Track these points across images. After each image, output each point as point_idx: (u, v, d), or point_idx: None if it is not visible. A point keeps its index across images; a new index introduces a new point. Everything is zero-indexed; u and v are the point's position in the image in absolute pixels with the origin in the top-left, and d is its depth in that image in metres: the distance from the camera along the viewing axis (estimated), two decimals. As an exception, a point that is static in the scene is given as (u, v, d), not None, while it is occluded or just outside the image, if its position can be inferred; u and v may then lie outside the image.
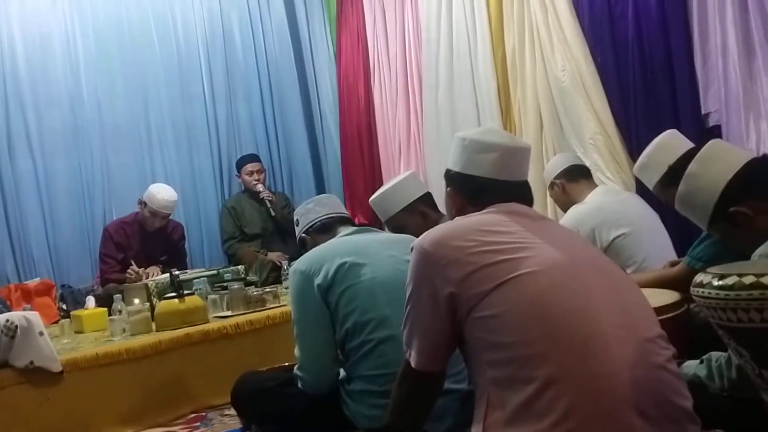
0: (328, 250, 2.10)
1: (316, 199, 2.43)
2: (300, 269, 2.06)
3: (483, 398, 1.39)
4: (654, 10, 3.52)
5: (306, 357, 2.08)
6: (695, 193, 1.77)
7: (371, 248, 2.08)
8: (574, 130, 3.90)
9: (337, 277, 2.00)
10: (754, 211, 1.66)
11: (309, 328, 2.07)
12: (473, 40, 4.43)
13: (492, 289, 1.37)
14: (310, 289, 2.02)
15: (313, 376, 2.08)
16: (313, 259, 2.07)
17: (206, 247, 5.22)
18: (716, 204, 1.71)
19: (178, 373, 3.02)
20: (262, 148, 5.48)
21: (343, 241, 2.15)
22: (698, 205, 1.77)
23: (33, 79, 4.74)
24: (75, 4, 4.90)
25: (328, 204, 2.37)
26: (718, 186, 1.71)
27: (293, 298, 2.09)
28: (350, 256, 2.03)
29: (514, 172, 1.65)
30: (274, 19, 5.63)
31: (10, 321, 2.61)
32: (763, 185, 1.70)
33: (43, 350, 2.65)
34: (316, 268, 2.03)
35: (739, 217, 1.67)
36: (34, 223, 4.64)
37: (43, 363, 2.65)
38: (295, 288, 2.07)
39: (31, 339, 2.63)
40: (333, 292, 2.00)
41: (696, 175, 1.78)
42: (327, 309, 2.02)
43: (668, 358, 1.39)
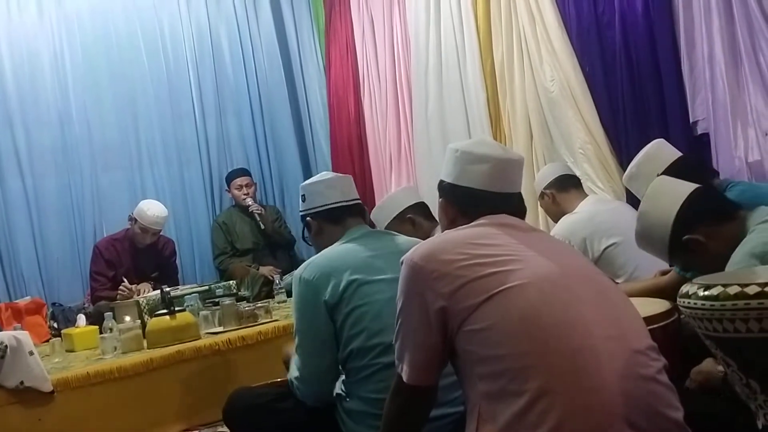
0: (336, 260, 2.03)
1: (327, 180, 2.25)
2: (306, 278, 2.00)
3: (474, 412, 1.38)
4: (640, 19, 3.54)
5: (305, 368, 2.05)
6: (649, 229, 1.89)
7: (381, 263, 2.02)
8: (563, 139, 3.92)
9: (345, 295, 1.97)
10: (706, 237, 1.78)
11: (310, 339, 2.03)
12: (462, 52, 4.45)
13: (482, 302, 1.37)
14: (316, 301, 1.98)
15: (310, 387, 2.05)
16: (321, 270, 2.00)
17: (198, 262, 5.20)
18: (670, 236, 1.82)
19: (170, 390, 3.00)
20: (253, 163, 5.48)
21: (353, 251, 2.06)
22: (655, 240, 1.88)
23: (21, 97, 4.73)
24: (63, 21, 4.90)
25: (340, 188, 2.22)
26: (669, 219, 1.83)
27: (297, 307, 2.04)
28: (360, 273, 1.98)
29: (506, 184, 1.64)
30: (263, 33, 5.64)
31: (0, 342, 2.59)
32: (710, 212, 1.83)
33: (33, 370, 2.63)
34: (323, 281, 1.98)
35: (694, 245, 1.79)
36: (24, 241, 4.62)
37: (33, 383, 2.63)
38: (300, 297, 2.03)
39: (20, 359, 2.61)
40: (340, 311, 1.97)
41: (647, 212, 1.91)
42: (332, 323, 1.99)
43: (659, 369, 1.39)
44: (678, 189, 1.90)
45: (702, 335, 1.35)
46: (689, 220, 1.81)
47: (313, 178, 2.32)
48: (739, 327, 1.26)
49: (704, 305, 1.30)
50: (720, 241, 1.77)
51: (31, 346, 2.68)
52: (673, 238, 1.83)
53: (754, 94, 3.19)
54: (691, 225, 1.81)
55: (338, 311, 1.98)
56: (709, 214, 1.83)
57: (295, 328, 2.07)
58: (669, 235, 1.83)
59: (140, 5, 5.19)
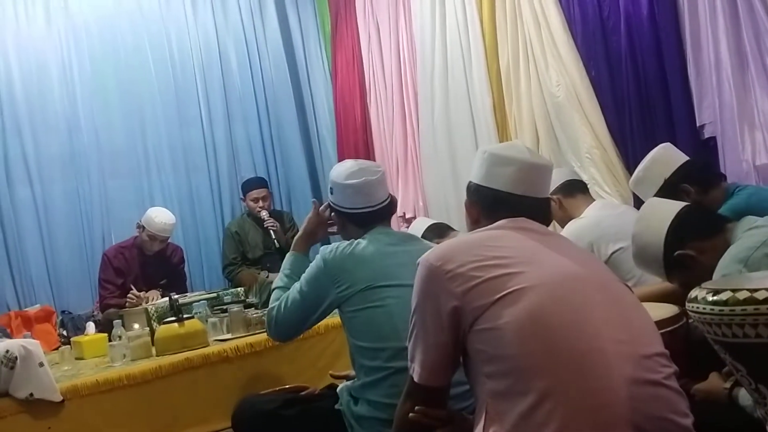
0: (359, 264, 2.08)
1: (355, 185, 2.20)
2: (327, 260, 2.10)
3: (482, 411, 1.39)
4: (646, 23, 3.55)
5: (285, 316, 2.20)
6: (643, 249, 1.98)
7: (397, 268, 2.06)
8: (570, 144, 3.92)
9: (355, 298, 2.04)
10: (698, 251, 1.87)
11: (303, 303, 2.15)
12: (467, 57, 4.46)
13: (493, 302, 1.39)
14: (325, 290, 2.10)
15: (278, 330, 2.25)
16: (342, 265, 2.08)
17: (206, 269, 5.21)
18: (664, 254, 1.90)
19: (179, 397, 3.00)
20: (261, 170, 5.49)
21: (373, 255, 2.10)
22: (651, 260, 1.97)
23: (30, 106, 4.76)
24: (71, 31, 4.93)
25: (366, 193, 2.21)
26: (660, 238, 1.92)
27: (308, 275, 2.15)
28: (375, 279, 2.04)
29: (530, 188, 1.65)
30: (269, 40, 5.66)
31: (10, 352, 2.58)
32: (699, 227, 1.91)
33: (42, 382, 2.62)
34: (339, 278, 2.07)
35: (687, 260, 1.87)
36: (33, 249, 4.65)
37: (43, 395, 2.62)
38: (314, 272, 2.14)
39: (30, 370, 2.60)
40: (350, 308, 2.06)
41: (639, 234, 1.99)
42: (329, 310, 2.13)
43: (668, 375, 1.39)
44: (666, 208, 1.99)
45: (711, 340, 1.35)
46: (679, 237, 1.90)
47: (343, 170, 2.25)
48: (748, 332, 1.26)
49: (713, 310, 1.30)
50: (711, 254, 1.82)
51: (42, 356, 2.67)
52: (666, 255, 1.91)
53: (761, 97, 3.19)
54: (681, 241, 1.89)
55: (348, 306, 2.06)
56: (698, 230, 1.91)
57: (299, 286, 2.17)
58: (662, 253, 1.91)
59: (147, 14, 5.22)
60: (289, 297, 2.19)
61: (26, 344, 2.65)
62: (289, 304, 2.18)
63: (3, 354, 2.58)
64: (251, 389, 2.80)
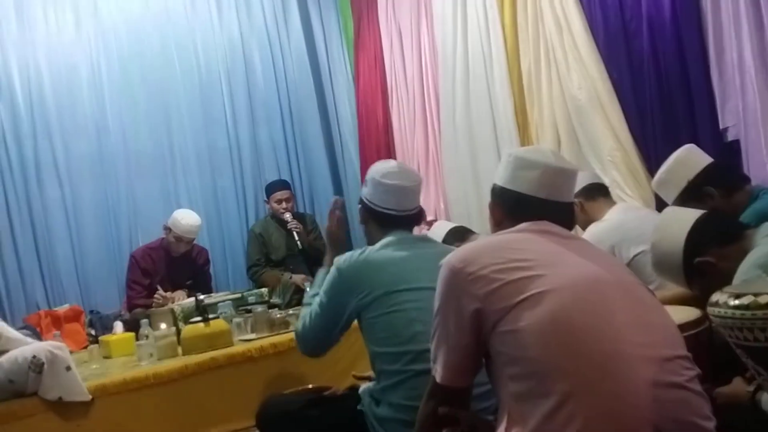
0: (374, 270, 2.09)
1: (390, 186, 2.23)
2: (342, 270, 2.12)
3: (504, 413, 1.41)
4: (668, 25, 3.52)
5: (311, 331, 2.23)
6: (663, 258, 1.97)
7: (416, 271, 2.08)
8: (591, 147, 3.91)
9: (375, 304, 2.06)
10: (717, 258, 1.86)
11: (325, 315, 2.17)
12: (489, 61, 4.47)
13: (515, 304, 1.40)
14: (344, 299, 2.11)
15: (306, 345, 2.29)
16: (358, 274, 2.10)
17: (230, 270, 5.28)
18: (683, 262, 1.90)
19: (204, 396, 3.05)
20: (284, 172, 5.55)
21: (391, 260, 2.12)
22: (670, 268, 1.96)
23: (60, 109, 4.86)
24: (100, 35, 5.03)
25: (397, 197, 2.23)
26: (679, 246, 1.91)
27: (326, 287, 2.17)
28: (393, 284, 2.05)
29: (554, 192, 1.66)
30: (293, 43, 5.72)
31: (37, 357, 2.62)
32: (717, 234, 1.91)
33: (70, 385, 2.66)
34: (357, 287, 2.08)
35: (706, 267, 1.86)
36: (62, 250, 4.74)
37: (71, 398, 2.67)
38: (332, 284, 2.15)
39: (58, 375, 2.64)
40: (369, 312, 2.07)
41: (658, 242, 1.99)
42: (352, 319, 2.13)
43: (691, 378, 1.39)
44: (685, 216, 1.99)
45: (732, 344, 1.36)
46: (698, 244, 1.90)
47: (384, 167, 2.28)
48: (770, 336, 1.26)
49: (734, 314, 1.31)
50: (730, 261, 1.82)
51: (69, 360, 2.70)
52: (686, 263, 1.91)
53: (785, 99, 3.16)
54: (700, 248, 1.89)
55: (367, 313, 2.07)
56: (717, 236, 1.91)
57: (319, 300, 2.20)
58: (682, 261, 1.91)
59: (174, 18, 5.31)
60: (311, 312, 2.22)
61: (53, 348, 2.68)
62: (312, 318, 2.21)
63: (30, 359, 2.63)
64: (275, 389, 2.84)
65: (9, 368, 2.65)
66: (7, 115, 4.69)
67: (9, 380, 2.65)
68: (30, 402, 2.67)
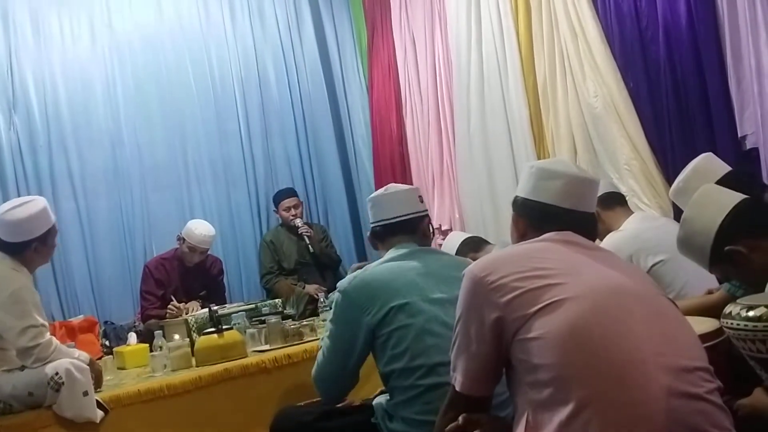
0: (380, 283, 2.07)
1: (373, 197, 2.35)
2: (349, 292, 2.08)
3: (521, 420, 1.40)
4: (685, 33, 3.50)
5: (324, 369, 2.17)
6: (692, 236, 1.87)
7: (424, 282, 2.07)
8: (608, 156, 3.88)
9: (386, 319, 2.02)
10: (749, 249, 1.76)
11: (336, 346, 2.12)
12: (504, 69, 4.46)
13: (535, 312, 1.39)
14: (352, 316, 2.06)
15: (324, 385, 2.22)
16: (364, 290, 2.07)
17: (244, 281, 5.28)
18: (712, 245, 1.81)
19: (218, 407, 3.04)
20: (298, 183, 5.55)
21: (398, 271, 2.11)
22: (697, 248, 1.86)
23: (75, 122, 4.89)
24: (114, 49, 5.06)
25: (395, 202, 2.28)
26: (712, 228, 1.81)
27: (333, 316, 2.13)
28: (402, 296, 2.03)
29: (577, 202, 1.67)
30: (306, 54, 5.74)
31: (59, 375, 2.62)
32: (755, 224, 1.80)
33: (85, 410, 2.65)
34: (365, 302, 2.05)
35: (736, 256, 1.76)
36: (77, 261, 4.76)
37: (84, 420, 2.67)
38: (338, 307, 2.11)
39: (74, 398, 2.63)
40: (382, 330, 2.03)
41: (691, 219, 1.89)
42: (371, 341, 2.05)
43: (710, 390, 1.37)
44: (724, 198, 1.89)
45: (746, 356, 1.33)
46: (733, 231, 1.80)
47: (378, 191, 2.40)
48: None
49: (747, 326, 1.28)
50: (763, 255, 1.75)
51: (88, 384, 2.69)
52: (715, 247, 1.82)
53: (804, 106, 3.12)
54: (734, 236, 1.79)
55: (380, 329, 2.03)
56: (754, 227, 1.81)
57: (328, 333, 2.15)
58: (711, 244, 1.82)
59: (188, 31, 5.34)
60: (322, 348, 2.18)
61: (76, 370, 2.66)
62: (324, 354, 2.16)
63: (51, 376, 2.62)
64: (289, 400, 2.82)
65: (29, 381, 2.66)
66: (23, 127, 4.72)
67: (29, 392, 2.66)
68: (45, 413, 2.66)
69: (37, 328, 2.70)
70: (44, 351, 2.68)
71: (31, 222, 2.79)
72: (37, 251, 2.82)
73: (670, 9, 3.55)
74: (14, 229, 2.77)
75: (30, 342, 2.66)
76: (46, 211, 2.86)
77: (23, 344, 2.66)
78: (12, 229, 2.77)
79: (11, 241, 2.78)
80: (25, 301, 2.69)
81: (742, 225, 1.80)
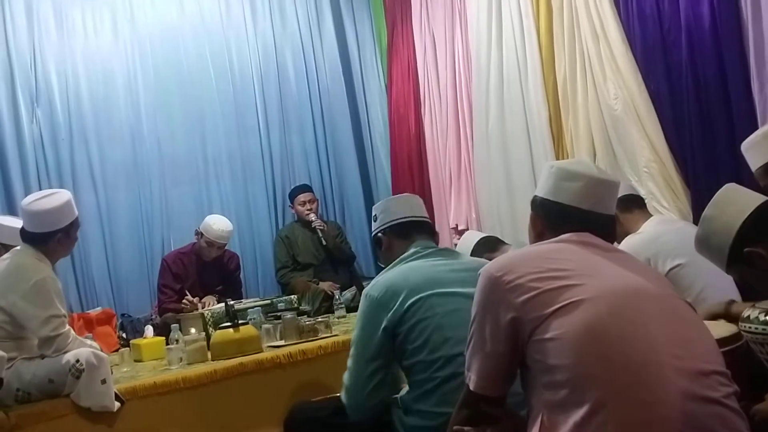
0: (401, 280, 2.08)
1: (396, 197, 2.47)
2: (373, 295, 2.08)
3: (536, 421, 1.39)
4: (708, 35, 3.46)
5: (351, 378, 2.12)
6: (711, 235, 1.84)
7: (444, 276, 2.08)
8: (627, 158, 3.86)
9: (407, 314, 2.03)
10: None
11: (362, 355, 2.09)
12: (524, 69, 4.44)
13: (551, 313, 1.39)
14: (378, 319, 2.05)
15: (352, 399, 2.12)
16: (387, 289, 2.07)
17: (260, 276, 5.31)
18: (731, 246, 1.77)
19: (233, 401, 3.06)
20: (315, 179, 5.57)
21: (417, 267, 2.13)
22: (715, 248, 1.83)
23: (96, 115, 4.94)
24: (136, 42, 5.10)
25: (408, 205, 2.36)
26: (732, 228, 1.78)
27: (358, 320, 2.13)
28: (422, 290, 2.04)
29: (596, 203, 1.65)
30: (326, 51, 5.75)
31: (80, 362, 2.67)
32: None
33: (103, 399, 2.70)
34: (388, 299, 2.05)
35: (754, 258, 1.73)
36: (96, 254, 4.80)
37: (101, 409, 2.71)
38: (363, 312, 2.11)
39: (92, 386, 2.68)
40: (402, 325, 2.03)
41: (711, 218, 1.85)
42: (391, 341, 2.04)
43: (727, 394, 1.36)
44: (747, 199, 1.86)
45: (764, 360, 1.32)
46: (754, 233, 1.77)
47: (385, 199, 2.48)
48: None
49: (765, 330, 1.27)
50: None
51: (107, 373, 2.74)
52: (733, 248, 1.79)
53: (828, 111, 3.09)
54: (754, 238, 1.76)
55: (401, 326, 2.03)
56: None
57: (352, 339, 2.14)
58: (730, 244, 1.79)
59: (209, 26, 5.37)
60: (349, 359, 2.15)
61: (95, 358, 2.71)
62: (351, 363, 2.13)
63: (73, 363, 2.67)
64: (302, 396, 2.85)
65: (51, 368, 2.70)
66: (46, 120, 4.77)
67: (49, 380, 2.70)
68: (62, 403, 2.71)
69: (60, 319, 2.74)
70: (64, 341, 2.72)
71: (56, 213, 2.83)
72: (60, 243, 2.86)
73: (692, 11, 3.51)
74: (39, 219, 2.81)
75: (52, 332, 2.70)
76: (70, 204, 2.90)
77: (45, 334, 2.70)
78: (37, 219, 2.81)
79: (36, 232, 2.82)
80: (48, 291, 2.73)
81: (763, 227, 1.77)
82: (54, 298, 2.74)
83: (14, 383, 2.68)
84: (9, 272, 2.77)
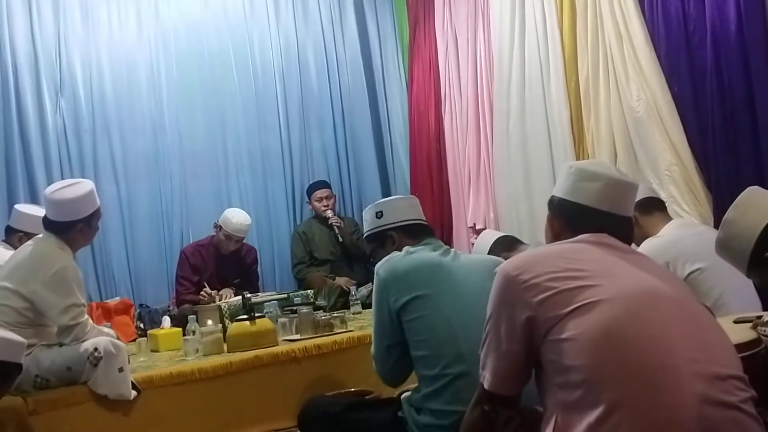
0: (409, 272, 2.09)
1: (408, 199, 2.48)
2: (380, 275, 2.12)
3: (550, 421, 1.39)
4: (734, 37, 3.42)
5: (374, 347, 2.20)
6: (733, 239, 1.84)
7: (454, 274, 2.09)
8: (649, 161, 3.83)
9: (410, 307, 2.04)
10: None
11: (377, 330, 2.16)
12: (546, 69, 4.42)
13: (568, 313, 1.39)
14: (383, 296, 2.10)
15: (377, 365, 2.20)
16: (394, 275, 2.09)
17: (277, 270, 5.33)
18: (752, 250, 1.78)
19: (247, 394, 3.08)
20: (333, 176, 5.58)
21: (429, 260, 2.13)
22: (736, 251, 1.83)
23: (119, 107, 4.97)
24: (160, 36, 5.14)
25: (417, 209, 2.40)
26: (754, 232, 1.78)
27: (374, 295, 2.17)
28: (428, 288, 2.05)
29: (614, 205, 1.65)
30: (348, 48, 5.76)
31: (98, 350, 2.69)
32: None
33: (119, 387, 2.72)
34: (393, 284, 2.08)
35: None
36: (116, 245, 4.84)
37: (117, 397, 2.73)
38: (375, 288, 2.16)
39: (109, 374, 2.70)
40: (405, 317, 2.05)
41: (733, 221, 1.85)
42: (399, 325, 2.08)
43: (744, 399, 1.35)
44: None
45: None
46: None
47: (387, 198, 2.51)
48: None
49: (784, 335, 1.25)
50: None
51: (124, 361, 2.76)
52: (754, 252, 1.79)
53: None
54: None
55: (403, 316, 2.06)
56: None
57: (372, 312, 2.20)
58: (752, 248, 1.79)
59: (232, 21, 5.39)
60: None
61: (113, 346, 2.73)
62: (372, 335, 2.20)
63: (91, 351, 2.69)
64: (316, 390, 2.85)
65: (69, 356, 2.73)
66: (69, 110, 4.82)
67: (67, 367, 2.73)
68: (80, 390, 2.74)
69: (79, 308, 2.76)
70: (83, 330, 2.75)
71: (78, 203, 2.86)
72: (81, 232, 2.89)
73: (718, 12, 3.47)
74: (62, 208, 2.84)
75: (71, 321, 2.73)
76: (92, 194, 2.93)
77: (65, 322, 2.73)
78: (60, 208, 2.84)
79: (58, 221, 2.85)
80: (68, 280, 2.76)
81: None
82: (74, 287, 2.77)
83: (33, 369, 2.70)
84: (31, 260, 2.80)
